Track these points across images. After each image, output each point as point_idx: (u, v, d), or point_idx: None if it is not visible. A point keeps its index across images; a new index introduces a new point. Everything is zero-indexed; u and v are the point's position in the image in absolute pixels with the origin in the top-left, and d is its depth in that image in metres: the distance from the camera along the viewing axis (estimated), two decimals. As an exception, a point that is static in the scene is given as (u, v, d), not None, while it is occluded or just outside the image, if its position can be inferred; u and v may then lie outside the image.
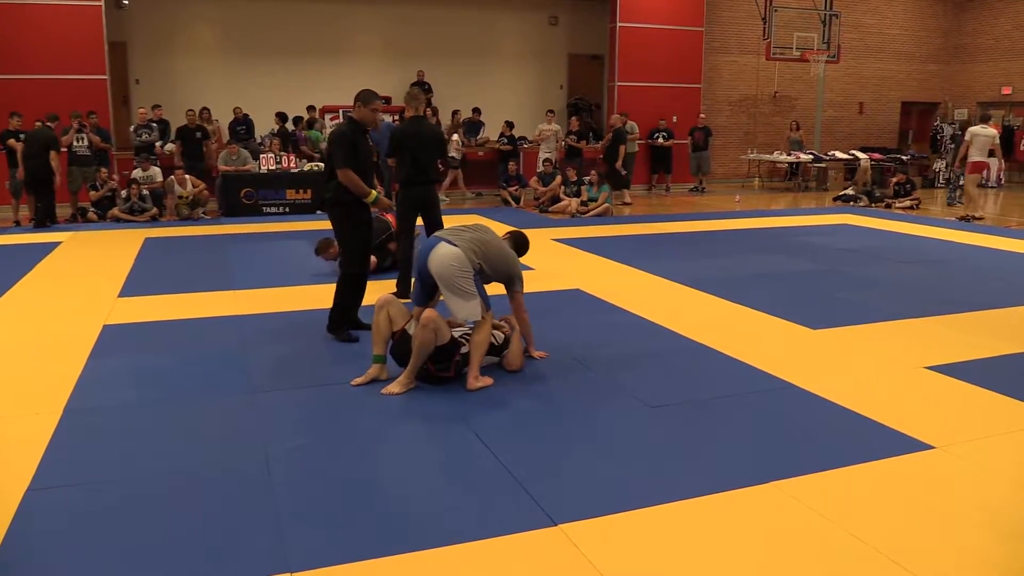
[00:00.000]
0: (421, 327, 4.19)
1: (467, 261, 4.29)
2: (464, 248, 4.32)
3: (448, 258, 4.27)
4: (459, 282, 4.26)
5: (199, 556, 2.73)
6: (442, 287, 4.31)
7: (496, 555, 2.74)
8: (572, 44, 17.06)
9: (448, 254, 4.28)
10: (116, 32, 13.62)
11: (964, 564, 2.70)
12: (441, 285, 4.31)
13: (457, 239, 4.37)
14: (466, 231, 4.51)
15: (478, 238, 4.48)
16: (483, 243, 4.46)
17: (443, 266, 4.27)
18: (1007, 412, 4.06)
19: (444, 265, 4.27)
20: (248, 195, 12.06)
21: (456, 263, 4.26)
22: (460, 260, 4.27)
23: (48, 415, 3.99)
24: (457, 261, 4.27)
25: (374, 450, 3.64)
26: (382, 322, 4.34)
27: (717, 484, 3.23)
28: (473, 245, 4.38)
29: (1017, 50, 18.20)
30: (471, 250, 4.34)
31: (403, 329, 4.36)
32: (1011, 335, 5.50)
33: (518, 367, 4.64)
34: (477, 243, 4.43)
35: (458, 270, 4.26)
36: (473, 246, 4.38)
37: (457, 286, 4.26)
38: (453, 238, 4.38)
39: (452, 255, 4.28)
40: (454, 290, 4.27)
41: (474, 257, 4.34)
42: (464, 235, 4.44)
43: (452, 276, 4.25)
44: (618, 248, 8.95)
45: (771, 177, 17.66)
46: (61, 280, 7.40)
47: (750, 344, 5.22)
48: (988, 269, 8.08)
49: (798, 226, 11.11)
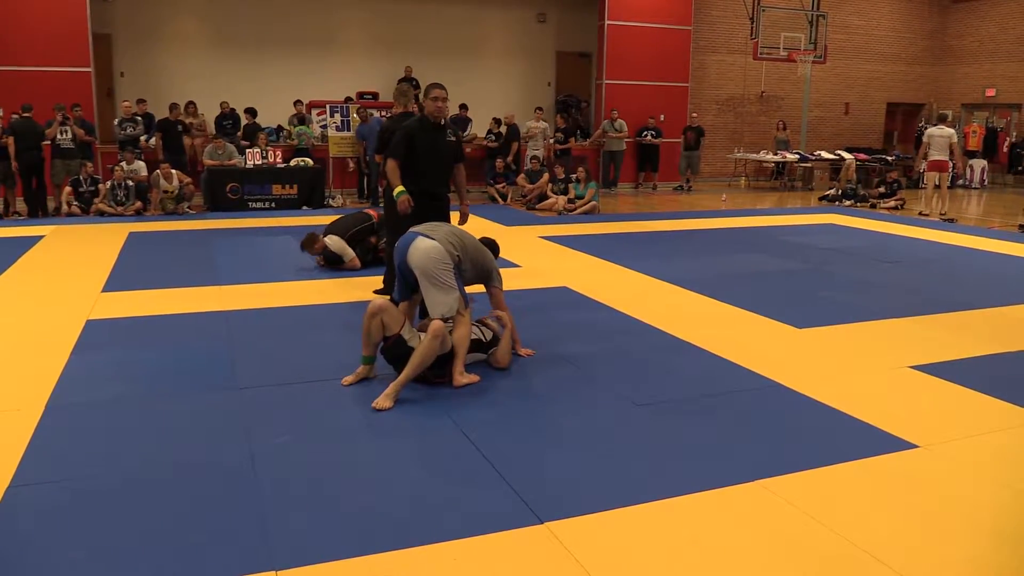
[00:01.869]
0: (431, 337, 4.19)
1: (447, 253, 4.35)
2: (442, 241, 4.38)
3: (429, 251, 4.33)
4: (440, 274, 4.31)
5: (182, 553, 2.71)
6: (422, 280, 4.34)
7: (482, 553, 2.74)
8: (560, 41, 17.06)
9: (428, 247, 4.34)
10: (100, 24, 13.49)
11: (947, 562, 2.72)
12: (421, 278, 4.34)
13: (434, 233, 4.44)
14: (442, 226, 4.61)
15: (454, 231, 4.59)
16: (460, 236, 4.57)
17: (424, 258, 4.31)
18: (990, 412, 4.10)
19: (425, 257, 4.31)
20: (233, 190, 11.99)
21: (436, 255, 4.33)
22: (440, 252, 4.34)
23: (30, 411, 3.94)
24: (437, 253, 4.33)
25: (359, 447, 3.63)
26: (374, 328, 4.31)
27: (702, 482, 3.24)
28: (451, 238, 4.47)
29: (1001, 52, 18.36)
30: (449, 243, 4.42)
31: (398, 334, 4.34)
32: (994, 335, 5.55)
33: (506, 364, 4.65)
34: (454, 236, 4.52)
35: (439, 262, 4.32)
36: (451, 239, 4.46)
37: (437, 278, 4.31)
38: (431, 232, 4.44)
39: (432, 247, 4.34)
40: (434, 282, 4.31)
41: (453, 249, 4.40)
42: (441, 229, 4.52)
43: (433, 268, 4.30)
44: (605, 246, 8.96)
45: (757, 176, 17.74)
46: (44, 274, 7.32)
47: (735, 342, 5.24)
48: (971, 270, 8.15)
49: (784, 225, 11.16)
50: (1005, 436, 3.80)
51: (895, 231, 10.67)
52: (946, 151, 12.32)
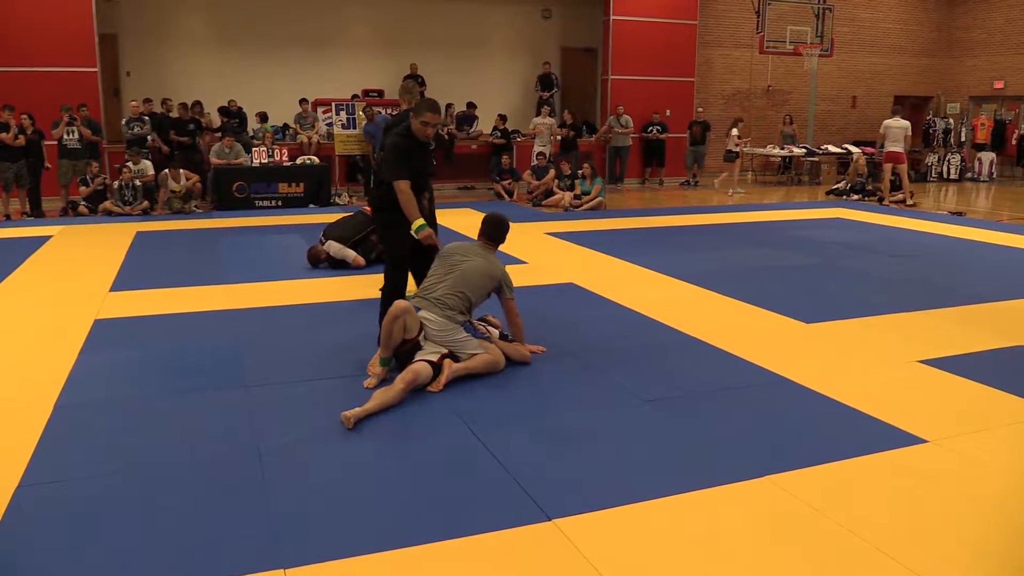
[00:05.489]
0: (494, 360, 4.46)
1: (450, 324, 4.40)
2: (443, 313, 4.39)
3: (436, 330, 4.38)
4: (452, 341, 4.41)
5: (191, 551, 2.71)
6: (441, 347, 4.43)
7: (489, 550, 2.74)
8: (565, 37, 17.03)
9: (433, 327, 4.38)
10: (106, 24, 13.53)
11: (956, 558, 2.70)
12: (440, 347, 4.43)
13: (434, 303, 4.41)
14: (440, 281, 4.51)
15: (454, 280, 4.49)
16: (460, 284, 4.48)
17: (431, 332, 4.39)
18: (1000, 406, 4.08)
19: (433, 335, 4.39)
20: (240, 188, 12.02)
21: (442, 329, 4.39)
22: (444, 325, 4.39)
23: (39, 410, 3.96)
24: (442, 328, 4.39)
25: (367, 445, 3.63)
26: (396, 330, 4.28)
27: (711, 478, 3.24)
28: (448, 298, 4.43)
29: (1009, 44, 18.24)
30: (449, 307, 4.41)
31: (416, 339, 4.33)
32: (1003, 329, 5.52)
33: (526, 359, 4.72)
34: (453, 288, 4.46)
35: (445, 333, 4.39)
36: (448, 299, 4.43)
37: (452, 344, 4.41)
38: (430, 306, 4.41)
39: (435, 323, 4.38)
40: (450, 345, 4.42)
41: (456, 315, 4.43)
42: (438, 289, 4.47)
43: (443, 339, 4.40)
44: (611, 242, 8.95)
45: (764, 171, 17.67)
46: (52, 274, 7.35)
47: (743, 338, 5.22)
48: (980, 263, 8.11)
49: (791, 220, 11.12)
50: (1014, 430, 3.77)
51: (903, 224, 10.62)
52: (901, 142, 12.70)
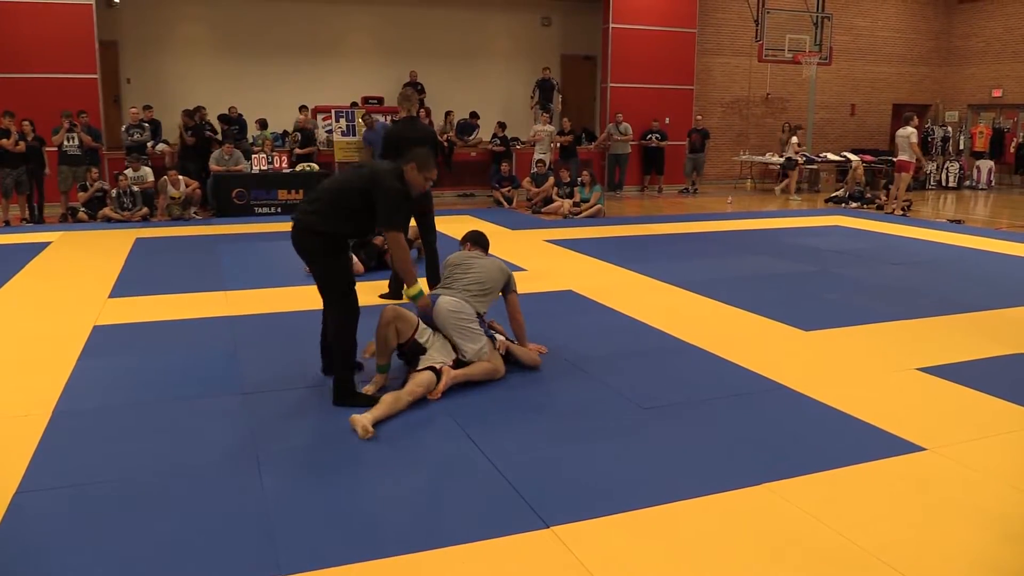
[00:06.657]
0: (494, 369, 4.48)
1: (470, 308, 4.49)
2: (463, 297, 4.52)
3: (452, 310, 4.44)
4: (466, 328, 4.45)
5: (189, 558, 2.71)
6: (450, 334, 4.46)
7: (487, 557, 2.74)
8: (565, 45, 17.07)
9: (450, 306, 4.45)
10: (107, 31, 13.56)
11: (955, 566, 2.70)
12: (450, 333, 4.46)
13: (454, 286, 4.59)
14: (459, 276, 4.67)
15: (475, 275, 4.65)
16: (481, 275, 4.64)
17: (448, 317, 4.44)
18: (998, 414, 4.08)
19: (449, 315, 4.44)
20: (240, 195, 12.03)
21: (461, 312, 4.46)
22: (463, 307, 4.48)
23: (38, 416, 3.96)
24: (461, 308, 4.47)
25: (365, 451, 3.63)
26: (390, 336, 4.31)
27: (709, 486, 3.24)
28: (471, 286, 4.59)
29: (1008, 53, 18.29)
30: (470, 292, 4.55)
31: (412, 338, 4.35)
32: (1002, 337, 5.52)
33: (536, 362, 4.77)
34: (475, 280, 4.62)
35: (463, 317, 4.46)
36: (471, 287, 4.58)
37: (464, 332, 4.45)
38: (451, 293, 4.55)
39: (455, 304, 4.47)
40: (462, 335, 4.45)
41: (476, 304, 4.54)
42: (460, 281, 4.63)
43: (459, 323, 4.45)
44: (610, 249, 8.95)
45: (763, 179, 17.70)
46: (51, 280, 7.35)
47: (742, 345, 5.23)
48: (979, 271, 8.11)
49: (790, 228, 11.13)
50: (1013, 438, 3.78)
51: (902, 232, 10.63)
52: (907, 151, 12.47)
